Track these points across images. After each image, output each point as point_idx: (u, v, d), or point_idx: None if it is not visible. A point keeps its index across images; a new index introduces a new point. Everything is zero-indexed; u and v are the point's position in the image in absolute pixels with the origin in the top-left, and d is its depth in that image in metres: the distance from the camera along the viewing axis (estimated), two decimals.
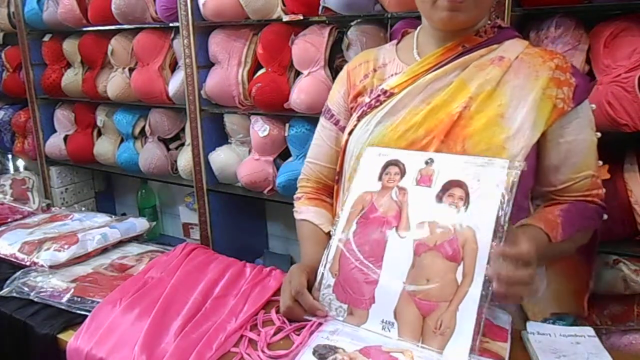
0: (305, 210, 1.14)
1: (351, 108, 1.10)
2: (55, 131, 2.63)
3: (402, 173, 0.92)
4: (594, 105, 1.03)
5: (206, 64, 2.01)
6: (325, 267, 0.92)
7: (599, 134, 1.00)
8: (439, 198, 0.87)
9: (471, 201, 0.84)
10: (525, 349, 0.85)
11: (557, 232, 0.91)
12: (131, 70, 2.23)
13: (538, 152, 0.96)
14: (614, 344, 1.42)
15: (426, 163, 0.90)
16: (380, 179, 0.94)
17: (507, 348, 0.81)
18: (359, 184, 0.96)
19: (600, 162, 1.11)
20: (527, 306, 1.05)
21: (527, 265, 0.78)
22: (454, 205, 0.85)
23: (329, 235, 1.01)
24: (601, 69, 1.35)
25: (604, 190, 1.02)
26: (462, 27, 0.96)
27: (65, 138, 2.56)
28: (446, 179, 0.88)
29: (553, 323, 0.93)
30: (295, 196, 1.21)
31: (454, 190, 0.86)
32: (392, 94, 1.00)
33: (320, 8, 1.67)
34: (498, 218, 0.80)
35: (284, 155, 1.98)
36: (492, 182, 0.84)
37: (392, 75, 1.04)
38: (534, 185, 1.01)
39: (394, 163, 0.94)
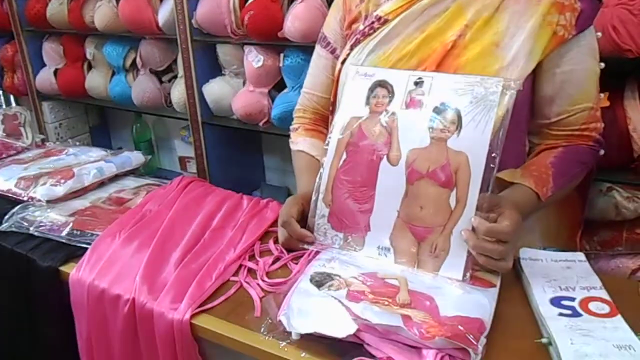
0: (301, 142, 1.13)
1: (346, 35, 1.06)
2: (44, 65, 2.55)
3: (391, 95, 0.89)
4: (599, 34, 0.96)
5: None
6: (318, 197, 0.92)
7: (602, 65, 0.95)
8: (430, 122, 0.84)
9: (464, 125, 0.82)
10: (517, 275, 0.87)
11: (547, 188, 0.90)
12: None
13: (533, 82, 0.93)
14: (601, 268, 1.45)
15: (415, 84, 0.87)
16: (367, 102, 0.90)
17: (499, 275, 0.83)
18: (346, 109, 0.93)
19: (602, 95, 1.06)
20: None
21: (503, 242, 0.78)
22: (446, 130, 0.83)
23: None
24: None
25: (603, 124, 0.98)
26: None
27: (55, 72, 2.49)
28: (437, 101, 0.84)
29: (544, 249, 0.95)
30: (291, 127, 1.19)
31: (445, 113, 0.83)
32: (386, 21, 0.96)
33: None
34: (492, 142, 0.79)
35: (279, 86, 1.94)
36: (485, 104, 0.81)
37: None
38: (530, 119, 0.98)
39: (382, 84, 0.90)
